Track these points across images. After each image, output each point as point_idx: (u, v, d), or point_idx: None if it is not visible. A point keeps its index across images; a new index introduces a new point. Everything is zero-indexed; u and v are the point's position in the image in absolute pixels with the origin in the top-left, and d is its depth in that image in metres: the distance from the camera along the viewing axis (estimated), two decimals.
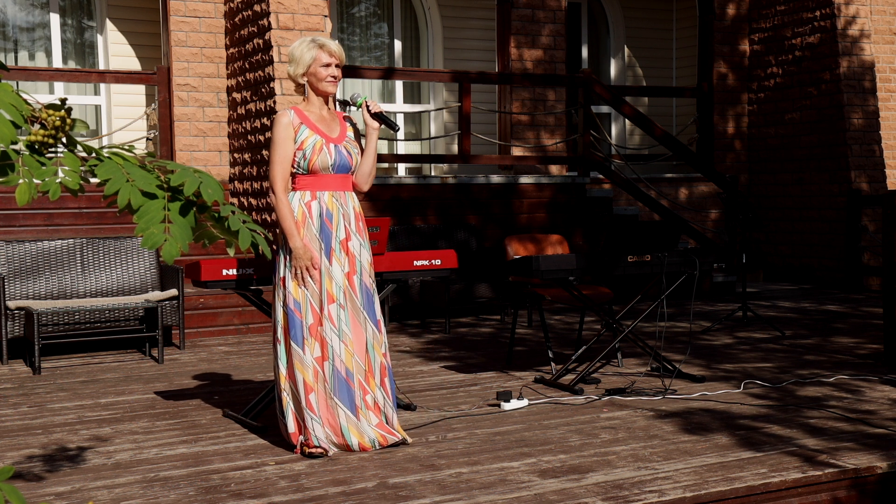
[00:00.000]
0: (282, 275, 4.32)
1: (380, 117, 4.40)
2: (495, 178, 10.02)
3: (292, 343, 4.27)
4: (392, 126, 4.39)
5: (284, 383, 4.34)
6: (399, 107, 11.58)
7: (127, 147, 2.01)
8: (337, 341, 4.30)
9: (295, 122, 4.33)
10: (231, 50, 9.66)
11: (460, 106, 9.91)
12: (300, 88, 4.45)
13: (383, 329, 4.44)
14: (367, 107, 4.41)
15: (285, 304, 4.29)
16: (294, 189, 4.38)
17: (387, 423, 4.40)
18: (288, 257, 4.29)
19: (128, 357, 7.16)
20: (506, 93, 10.88)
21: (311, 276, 4.27)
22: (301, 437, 4.34)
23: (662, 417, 4.95)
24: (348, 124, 4.48)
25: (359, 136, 4.51)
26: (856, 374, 6.04)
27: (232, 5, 9.58)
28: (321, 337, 4.29)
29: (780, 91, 12.09)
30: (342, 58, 4.41)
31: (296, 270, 4.26)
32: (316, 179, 4.33)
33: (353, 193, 4.45)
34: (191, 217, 1.89)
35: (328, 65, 4.35)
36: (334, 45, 4.38)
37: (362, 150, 4.47)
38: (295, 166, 4.34)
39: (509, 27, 10.90)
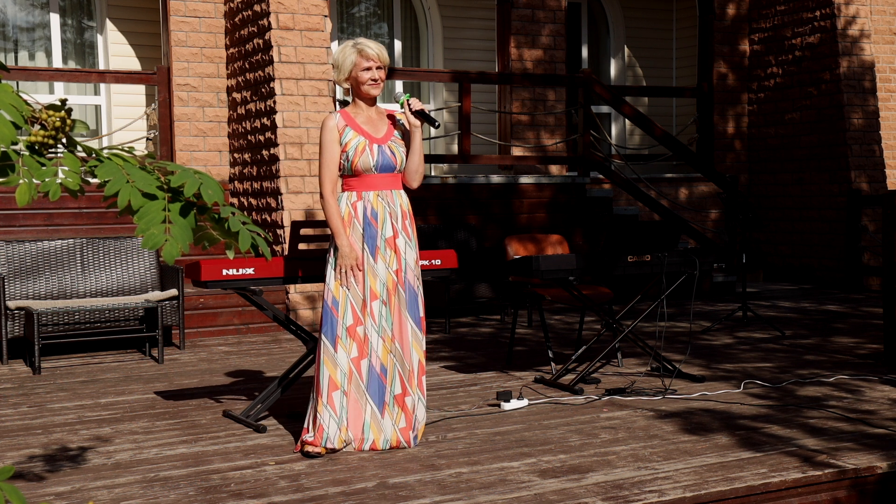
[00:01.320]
0: (327, 272, 4.38)
1: (421, 115, 4.43)
2: (495, 178, 10.03)
3: (324, 338, 4.31)
4: (432, 123, 4.43)
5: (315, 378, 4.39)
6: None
7: (127, 148, 2.01)
8: (376, 337, 4.34)
9: (340, 125, 4.38)
10: (231, 50, 9.67)
11: (460, 106, 9.91)
12: (347, 93, 4.50)
13: (424, 328, 4.48)
14: (409, 105, 4.43)
15: (325, 301, 4.34)
16: (343, 190, 4.45)
17: (415, 424, 4.42)
18: (333, 256, 4.33)
19: (128, 357, 7.16)
20: (506, 93, 10.88)
21: (354, 276, 4.30)
22: (307, 435, 4.34)
23: (662, 417, 4.95)
24: (395, 123, 4.51)
25: (406, 134, 4.52)
26: (856, 374, 6.04)
27: (232, 5, 9.58)
28: (362, 335, 4.31)
29: (780, 91, 12.09)
30: (383, 59, 4.41)
31: (340, 269, 4.31)
32: (361, 180, 4.38)
33: (402, 192, 4.48)
34: (191, 218, 1.89)
35: (368, 68, 4.37)
36: (373, 49, 4.38)
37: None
38: (341, 168, 4.39)
39: (509, 27, 10.90)
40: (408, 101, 4.45)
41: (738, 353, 6.89)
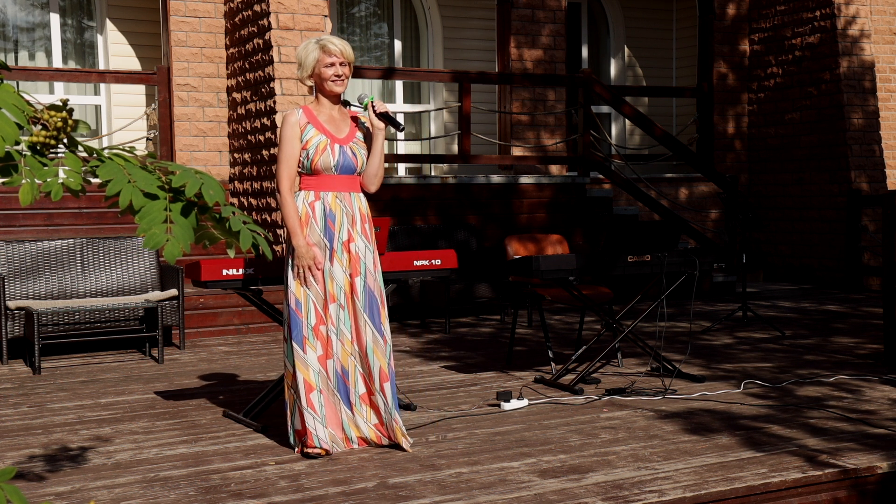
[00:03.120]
0: (286, 274, 4.33)
1: (385, 117, 4.38)
2: (495, 178, 10.03)
3: (293, 342, 4.28)
4: (396, 126, 4.36)
5: (290, 381, 4.35)
6: (399, 107, 11.58)
7: (128, 148, 2.01)
8: (335, 340, 4.32)
9: (302, 122, 4.32)
10: (231, 50, 9.67)
11: (460, 106, 9.91)
12: (311, 90, 4.45)
13: (387, 334, 4.38)
14: (373, 107, 4.39)
15: (287, 304, 4.30)
16: (300, 189, 4.38)
17: (389, 427, 4.39)
18: (291, 257, 4.30)
19: (128, 357, 7.16)
20: (506, 93, 10.88)
21: (313, 276, 4.27)
22: (303, 437, 4.34)
23: (662, 417, 4.95)
24: (358, 125, 4.47)
25: (369, 136, 4.47)
26: (856, 374, 6.04)
27: (232, 5, 9.58)
28: (325, 334, 4.30)
29: (780, 91, 12.09)
30: (348, 55, 4.35)
31: (297, 269, 4.26)
32: (320, 180, 4.32)
33: (361, 195, 4.41)
34: (192, 217, 1.89)
35: (332, 64, 4.32)
36: (337, 45, 4.32)
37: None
38: (300, 166, 4.33)
39: (509, 27, 10.90)
40: (372, 102, 4.39)
41: (738, 353, 6.89)
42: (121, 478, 4.02)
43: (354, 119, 4.47)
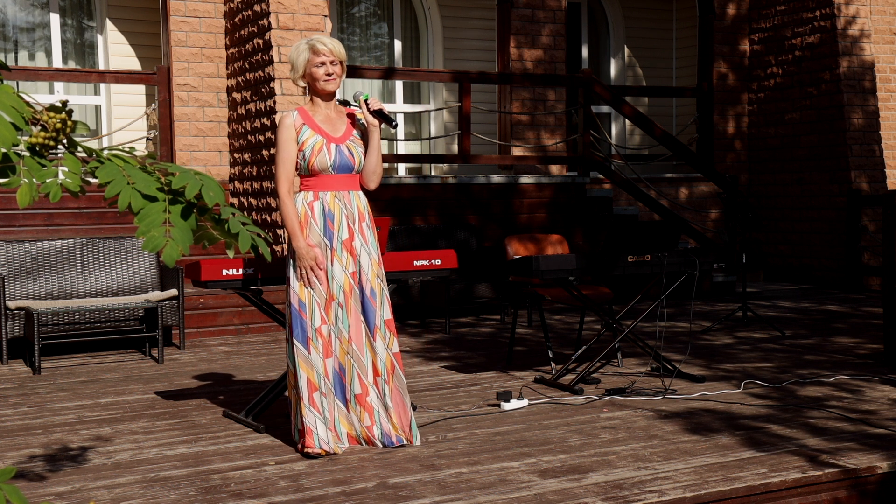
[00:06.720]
0: (288, 275, 4.34)
1: (379, 114, 4.40)
2: (495, 178, 10.03)
3: (296, 342, 4.29)
4: (390, 122, 4.38)
5: (293, 380, 4.36)
6: (399, 107, 11.58)
7: (128, 148, 2.01)
8: (334, 338, 4.34)
9: (297, 123, 4.35)
10: (231, 50, 9.66)
11: (460, 106, 9.91)
12: (304, 91, 4.46)
13: (385, 329, 4.39)
14: (367, 104, 4.41)
15: (290, 304, 4.31)
16: (300, 189, 4.40)
17: (385, 422, 4.40)
18: (293, 258, 4.31)
19: (128, 357, 7.16)
20: (506, 93, 10.88)
21: (315, 277, 4.28)
22: (303, 437, 4.34)
23: (662, 417, 4.95)
24: (355, 123, 4.48)
25: (366, 134, 4.49)
26: (856, 374, 6.04)
27: (232, 5, 9.58)
28: (326, 335, 4.31)
29: (780, 91, 12.09)
30: (338, 54, 4.38)
31: (300, 270, 4.28)
32: (318, 180, 4.35)
33: (360, 193, 4.44)
34: (192, 219, 1.89)
35: (322, 63, 4.35)
36: (327, 43, 4.35)
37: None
38: (297, 167, 4.36)
39: (509, 27, 10.90)
40: (366, 100, 4.42)
41: (738, 353, 6.89)
42: (121, 478, 4.02)
43: (351, 117, 4.48)
